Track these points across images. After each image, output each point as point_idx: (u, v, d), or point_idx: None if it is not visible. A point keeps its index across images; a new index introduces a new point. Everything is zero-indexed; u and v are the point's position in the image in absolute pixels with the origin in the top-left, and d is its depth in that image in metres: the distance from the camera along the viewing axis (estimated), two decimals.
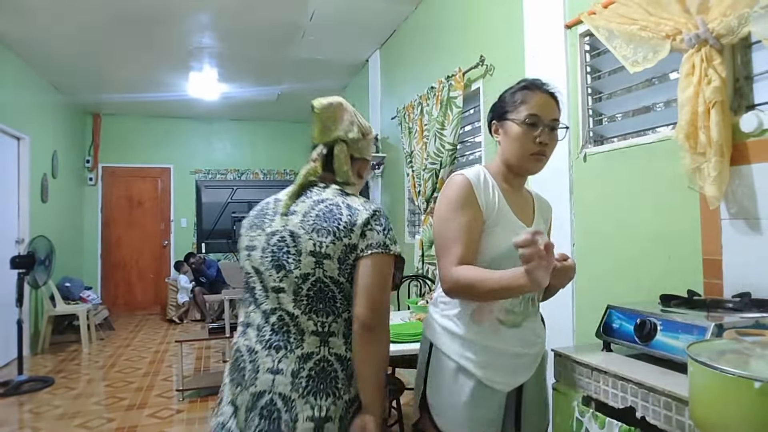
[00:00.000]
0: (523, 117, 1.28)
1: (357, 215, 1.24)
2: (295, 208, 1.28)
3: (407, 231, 4.11)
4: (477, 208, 1.27)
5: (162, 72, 5.45)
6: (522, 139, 1.28)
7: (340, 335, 1.23)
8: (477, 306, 1.28)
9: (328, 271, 1.21)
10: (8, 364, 4.56)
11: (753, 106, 1.48)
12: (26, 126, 5.03)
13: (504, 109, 1.34)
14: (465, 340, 1.29)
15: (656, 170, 1.75)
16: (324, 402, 1.18)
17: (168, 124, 7.58)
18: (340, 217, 1.23)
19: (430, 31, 3.66)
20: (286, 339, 1.22)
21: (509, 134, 1.31)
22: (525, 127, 1.28)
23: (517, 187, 1.39)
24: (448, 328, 1.32)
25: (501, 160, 1.36)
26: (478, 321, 1.29)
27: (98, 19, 4.07)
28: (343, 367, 1.22)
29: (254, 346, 1.24)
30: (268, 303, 1.26)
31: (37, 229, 5.02)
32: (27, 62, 5.06)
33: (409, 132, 3.73)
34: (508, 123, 1.31)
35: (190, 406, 3.54)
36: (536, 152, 1.29)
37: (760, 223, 1.40)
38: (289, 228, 1.25)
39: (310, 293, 1.22)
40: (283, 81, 5.82)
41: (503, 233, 1.27)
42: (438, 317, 1.36)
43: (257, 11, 3.97)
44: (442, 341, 1.32)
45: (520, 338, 1.31)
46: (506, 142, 1.32)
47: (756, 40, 1.44)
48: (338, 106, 1.35)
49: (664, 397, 1.07)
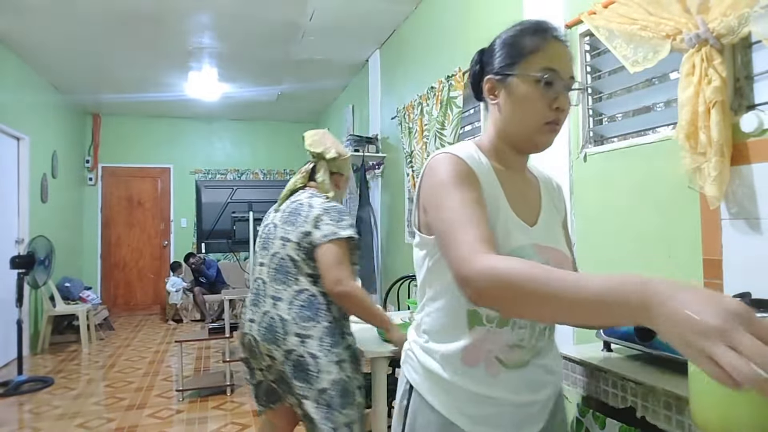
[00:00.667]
0: (538, 72, 0.92)
1: (312, 211, 1.72)
2: (282, 207, 1.82)
3: (407, 231, 4.11)
4: (479, 188, 0.91)
5: (162, 72, 5.45)
6: (536, 102, 0.93)
7: (285, 301, 1.70)
8: (469, 343, 0.94)
9: (288, 251, 1.72)
10: (8, 364, 4.56)
11: (753, 106, 1.48)
12: (26, 126, 5.03)
13: (505, 60, 0.96)
14: (453, 387, 0.95)
15: (656, 170, 1.75)
16: (269, 345, 1.70)
17: (168, 124, 7.58)
18: (301, 212, 1.74)
19: (430, 31, 3.66)
20: (260, 299, 1.76)
21: (515, 95, 0.95)
22: (539, 87, 0.93)
23: (518, 168, 1.03)
24: (432, 369, 0.97)
25: (497, 132, 1.00)
26: (471, 362, 0.94)
27: (98, 19, 4.07)
28: (282, 324, 1.69)
29: (246, 302, 1.84)
30: (256, 273, 1.82)
31: (36, 229, 5.02)
32: (27, 62, 5.06)
33: (409, 132, 3.73)
34: (514, 80, 0.95)
35: (189, 406, 3.54)
36: (552, 121, 0.94)
37: (760, 223, 1.40)
38: (274, 221, 1.81)
39: (274, 266, 1.74)
40: (283, 81, 5.82)
41: (499, 234, 0.92)
42: (419, 351, 1.01)
43: (257, 11, 3.97)
44: (424, 386, 0.99)
45: (526, 382, 0.97)
46: (509, 106, 0.96)
47: (756, 40, 1.44)
48: (317, 135, 1.89)
49: (664, 397, 1.06)
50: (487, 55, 1.01)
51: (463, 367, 0.95)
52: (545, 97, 0.93)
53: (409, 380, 1.03)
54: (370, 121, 5.00)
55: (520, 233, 0.95)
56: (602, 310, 0.61)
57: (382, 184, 4.77)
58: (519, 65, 0.95)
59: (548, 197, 1.08)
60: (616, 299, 0.59)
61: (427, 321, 1.01)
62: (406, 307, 2.74)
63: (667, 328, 0.54)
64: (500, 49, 0.98)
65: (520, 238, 0.95)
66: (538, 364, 0.98)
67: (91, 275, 7.13)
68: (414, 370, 1.02)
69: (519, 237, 0.95)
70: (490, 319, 0.94)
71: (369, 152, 4.60)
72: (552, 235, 1.03)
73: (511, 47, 0.96)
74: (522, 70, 0.94)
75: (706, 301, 0.52)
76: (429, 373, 0.98)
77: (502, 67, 0.97)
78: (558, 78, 0.93)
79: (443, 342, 0.97)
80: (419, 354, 1.01)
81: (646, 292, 0.56)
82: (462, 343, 0.95)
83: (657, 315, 0.55)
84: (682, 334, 0.52)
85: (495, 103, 0.99)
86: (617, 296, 0.59)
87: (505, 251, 0.89)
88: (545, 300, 0.68)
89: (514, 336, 0.95)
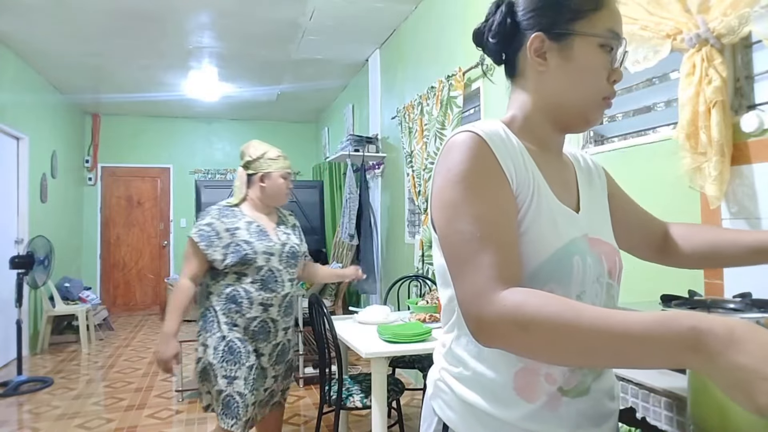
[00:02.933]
0: (603, 33, 0.75)
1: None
2: None
3: (407, 231, 4.11)
4: (505, 181, 0.73)
5: (161, 72, 5.45)
6: (600, 71, 0.77)
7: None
8: (522, 366, 0.75)
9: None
10: (7, 364, 4.55)
11: (753, 105, 1.47)
12: (25, 126, 5.03)
13: (562, 14, 0.76)
14: (503, 426, 0.75)
15: (657, 170, 1.75)
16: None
17: (168, 124, 7.58)
18: None
19: (430, 31, 3.66)
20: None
21: (577, 60, 0.76)
22: (603, 53, 0.76)
23: (554, 149, 0.85)
24: (473, 403, 0.77)
25: (537, 103, 0.81)
26: (526, 394, 0.75)
27: (98, 19, 4.07)
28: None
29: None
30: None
31: (36, 229, 5.01)
32: (27, 62, 5.06)
33: (409, 132, 3.73)
34: (577, 39, 0.75)
35: (189, 406, 3.54)
36: (609, 95, 0.78)
37: (760, 222, 1.40)
38: None
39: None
40: (283, 81, 5.82)
41: (544, 229, 0.74)
42: (454, 383, 0.80)
43: (257, 11, 3.97)
44: (464, 426, 0.78)
45: (588, 412, 0.78)
46: (566, 73, 0.77)
47: (756, 40, 1.44)
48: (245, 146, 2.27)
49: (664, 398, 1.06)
50: (528, 7, 0.79)
51: (516, 400, 0.75)
52: (608, 65, 0.77)
53: (441, 418, 0.81)
54: (370, 121, 5.00)
55: (568, 223, 0.77)
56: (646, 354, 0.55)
57: (382, 184, 4.76)
58: (580, 23, 0.75)
59: (584, 178, 0.88)
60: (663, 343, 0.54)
61: (463, 342, 0.79)
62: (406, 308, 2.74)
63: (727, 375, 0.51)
64: (550, 1, 0.77)
65: (570, 230, 0.77)
66: (599, 389, 0.79)
67: (91, 275, 7.12)
68: (448, 406, 0.81)
69: (568, 229, 0.77)
70: None
71: (369, 152, 4.59)
72: (597, 224, 0.85)
73: (569, 0, 0.76)
74: (586, 28, 0.75)
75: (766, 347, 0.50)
76: (470, 409, 0.78)
77: (559, 23, 0.76)
78: (621, 45, 0.77)
79: (488, 368, 0.77)
80: (455, 386, 0.80)
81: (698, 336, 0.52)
82: (512, 367, 0.75)
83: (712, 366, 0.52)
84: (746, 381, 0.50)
85: (543, 67, 0.78)
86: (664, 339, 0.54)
87: (554, 248, 0.73)
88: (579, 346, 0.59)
89: None
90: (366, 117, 5.18)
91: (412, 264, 3.72)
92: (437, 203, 0.75)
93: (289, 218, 2.28)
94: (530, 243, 0.73)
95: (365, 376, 2.53)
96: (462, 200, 0.70)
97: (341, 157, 4.72)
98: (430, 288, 3.27)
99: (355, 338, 2.15)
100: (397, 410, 2.75)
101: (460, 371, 0.80)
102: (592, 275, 0.77)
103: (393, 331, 2.08)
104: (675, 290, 1.51)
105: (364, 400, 2.30)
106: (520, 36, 0.80)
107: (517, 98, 0.83)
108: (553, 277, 0.73)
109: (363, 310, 2.55)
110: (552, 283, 0.73)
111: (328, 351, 2.40)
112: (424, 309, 2.43)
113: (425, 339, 2.07)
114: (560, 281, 0.73)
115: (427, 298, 2.54)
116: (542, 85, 0.79)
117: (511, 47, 0.82)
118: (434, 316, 2.36)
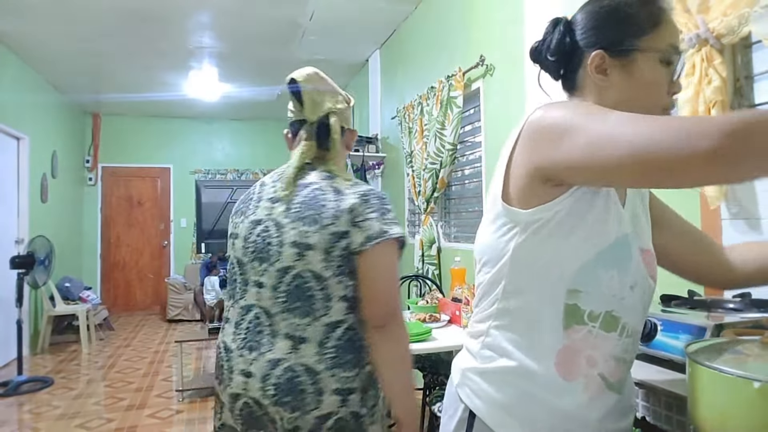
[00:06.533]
0: (664, 48, 0.77)
1: (343, 201, 1.12)
2: (281, 194, 1.17)
3: (407, 231, 4.11)
4: None
5: (162, 72, 5.45)
6: (662, 85, 0.79)
7: (314, 343, 1.09)
8: (564, 345, 0.75)
9: (311, 264, 1.10)
10: (8, 364, 4.55)
11: (753, 106, 1.47)
12: (26, 126, 5.03)
13: (624, 32, 0.78)
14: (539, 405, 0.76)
15: None
16: (290, 413, 1.07)
17: (168, 124, 7.58)
18: (326, 203, 1.12)
19: (430, 31, 3.66)
20: (259, 340, 1.11)
21: (638, 75, 0.78)
22: (663, 67, 0.78)
23: None
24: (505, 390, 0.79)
25: None
26: (567, 374, 0.76)
27: (98, 19, 4.07)
28: (312, 380, 1.08)
29: (230, 345, 1.16)
30: (246, 298, 1.16)
31: (36, 229, 5.01)
32: (27, 62, 5.06)
33: (409, 132, 3.73)
34: (639, 55, 0.77)
35: (189, 406, 3.54)
36: (668, 107, 0.81)
37: (760, 223, 1.40)
38: (273, 217, 1.15)
39: (290, 288, 1.10)
40: (283, 81, 5.75)
41: (609, 215, 0.75)
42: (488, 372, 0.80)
43: (257, 11, 3.97)
44: (493, 415, 0.78)
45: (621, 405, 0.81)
46: (628, 88, 0.79)
47: (756, 40, 1.44)
48: (317, 76, 1.28)
49: (664, 397, 1.06)
50: (587, 26, 0.81)
51: (556, 379, 0.75)
52: (668, 79, 0.79)
53: (468, 406, 0.80)
54: (370, 121, 5.00)
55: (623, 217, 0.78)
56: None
57: (382, 184, 4.77)
58: (644, 38, 0.77)
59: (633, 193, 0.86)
60: None
61: (504, 324, 0.79)
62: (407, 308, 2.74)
63: None
64: (610, 18, 0.79)
65: (625, 224, 0.78)
66: (629, 385, 0.83)
67: (91, 275, 7.13)
68: (476, 394, 0.80)
69: (624, 222, 0.77)
70: (593, 317, 0.76)
71: (369, 152, 4.60)
72: (640, 229, 0.84)
73: (629, 18, 0.78)
74: (649, 43, 0.77)
75: None
76: (502, 397, 0.77)
77: (620, 41, 0.78)
78: (679, 59, 0.79)
79: (524, 352, 0.77)
80: (488, 375, 0.80)
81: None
82: (555, 345, 0.75)
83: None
84: None
85: (605, 83, 0.80)
86: None
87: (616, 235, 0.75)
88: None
89: (621, 345, 0.77)
90: (366, 117, 5.18)
91: (412, 264, 3.72)
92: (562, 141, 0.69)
93: None
94: (599, 223, 0.74)
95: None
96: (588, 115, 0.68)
97: None
98: (430, 288, 3.27)
99: None
100: None
101: (486, 366, 0.79)
102: (643, 271, 0.79)
103: None
104: (675, 290, 1.51)
105: None
106: (579, 53, 0.81)
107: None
108: (616, 263, 0.75)
109: None
110: (615, 269, 0.75)
111: None
112: (424, 309, 2.43)
113: (425, 339, 2.07)
114: (621, 268, 0.75)
115: (427, 298, 2.54)
116: (604, 100, 0.79)
117: (570, 64, 0.83)
118: (434, 316, 2.36)
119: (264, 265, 1.13)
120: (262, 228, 1.16)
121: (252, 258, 1.15)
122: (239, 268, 1.19)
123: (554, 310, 0.75)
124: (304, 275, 1.10)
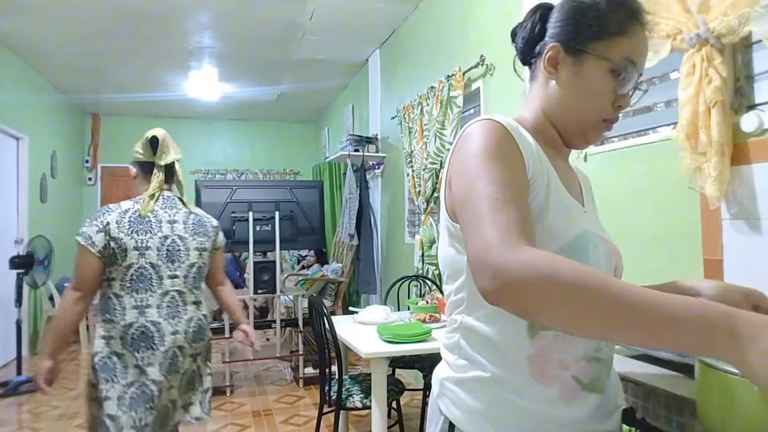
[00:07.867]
0: (618, 60, 0.76)
1: (210, 221, 1.97)
2: (175, 218, 1.86)
3: (407, 231, 4.11)
4: (522, 161, 0.73)
5: (162, 72, 5.45)
6: (606, 94, 0.78)
7: (203, 304, 1.91)
8: (534, 352, 0.75)
9: (204, 259, 1.90)
10: (7, 364, 4.55)
11: (754, 105, 1.47)
12: (25, 126, 5.03)
13: (582, 31, 0.78)
14: (524, 413, 0.75)
15: (657, 170, 1.75)
16: (199, 345, 1.86)
17: (167, 124, 7.50)
18: (205, 224, 1.93)
19: (430, 31, 3.66)
20: (178, 310, 1.80)
21: (583, 78, 0.78)
22: (613, 77, 0.77)
23: (562, 156, 0.87)
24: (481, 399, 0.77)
25: (544, 111, 0.83)
26: (541, 377, 0.75)
27: (98, 19, 4.07)
28: (206, 322, 1.90)
29: (157, 320, 1.75)
30: (162, 287, 1.78)
31: (36, 229, 5.01)
32: (27, 62, 5.06)
33: (409, 132, 3.73)
34: (590, 58, 0.77)
35: None
36: (610, 119, 0.81)
37: (760, 223, 1.40)
38: (176, 233, 1.83)
39: (194, 275, 1.86)
40: (283, 81, 5.82)
41: (557, 220, 0.75)
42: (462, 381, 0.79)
43: (257, 11, 3.96)
44: (472, 422, 0.77)
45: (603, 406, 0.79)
46: (572, 87, 0.79)
47: (756, 40, 1.44)
48: (168, 136, 2.11)
49: (664, 398, 1.06)
50: (556, 18, 0.81)
51: (532, 384, 0.74)
52: (615, 90, 0.78)
53: (447, 417, 0.80)
54: (370, 121, 5.00)
55: (579, 216, 0.80)
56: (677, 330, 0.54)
57: (382, 184, 4.77)
58: (600, 42, 0.76)
59: (587, 191, 0.93)
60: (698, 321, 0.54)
61: (471, 336, 0.78)
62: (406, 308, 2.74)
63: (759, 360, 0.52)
64: (576, 15, 0.79)
65: (582, 222, 0.78)
66: (611, 385, 0.81)
67: None
68: (454, 404, 0.79)
69: (581, 220, 0.79)
70: None
71: (369, 152, 4.60)
72: (599, 225, 0.88)
73: (593, 19, 0.77)
74: (602, 49, 0.76)
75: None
76: (479, 405, 0.77)
77: (577, 39, 0.78)
78: (634, 73, 0.78)
79: (495, 362, 0.76)
80: (462, 383, 0.79)
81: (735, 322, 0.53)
82: (525, 353, 0.74)
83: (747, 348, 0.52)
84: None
85: (552, 77, 0.81)
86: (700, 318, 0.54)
87: (568, 238, 0.74)
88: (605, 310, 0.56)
89: (591, 345, 0.76)
90: (366, 117, 5.18)
91: (412, 264, 3.72)
92: (457, 176, 0.74)
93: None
94: (546, 230, 0.73)
95: (365, 377, 2.53)
96: (483, 168, 0.70)
97: (341, 157, 4.72)
98: (430, 288, 3.27)
99: (355, 338, 2.15)
100: (397, 410, 2.75)
101: (460, 375, 0.79)
102: (604, 268, 0.79)
103: (393, 332, 2.08)
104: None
105: (364, 400, 2.30)
106: (544, 43, 0.82)
107: (529, 101, 0.86)
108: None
109: (363, 310, 2.55)
110: None
111: (328, 351, 2.40)
112: (424, 309, 2.43)
113: (425, 339, 2.07)
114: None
115: (427, 298, 2.54)
116: (548, 93, 0.82)
117: (533, 52, 0.84)
118: (434, 316, 2.36)
119: (176, 264, 1.82)
120: (170, 241, 1.82)
121: (166, 260, 1.79)
122: (153, 270, 1.77)
123: (518, 320, 0.74)
124: (200, 266, 1.89)
